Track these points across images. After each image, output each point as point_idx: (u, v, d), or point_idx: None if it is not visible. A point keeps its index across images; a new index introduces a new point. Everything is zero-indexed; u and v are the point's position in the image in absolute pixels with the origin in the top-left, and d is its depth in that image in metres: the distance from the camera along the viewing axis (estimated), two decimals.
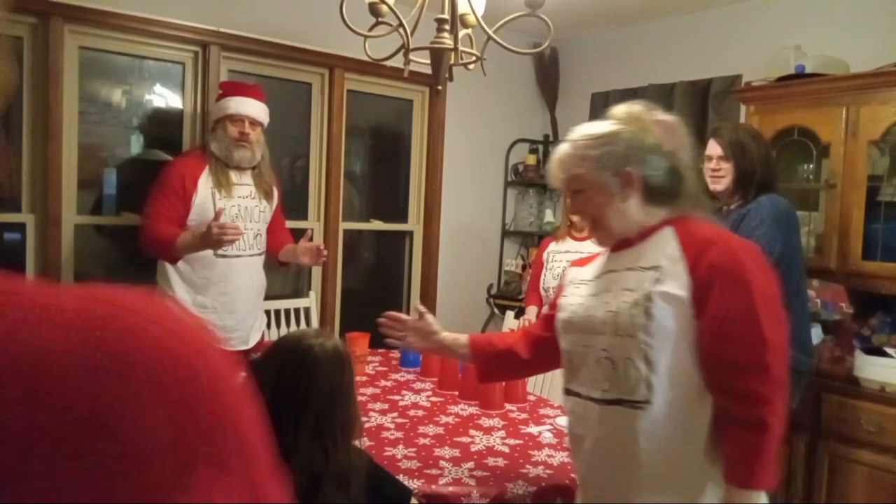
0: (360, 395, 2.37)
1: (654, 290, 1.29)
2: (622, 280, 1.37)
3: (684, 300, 1.28)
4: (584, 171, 1.39)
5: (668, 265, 1.31)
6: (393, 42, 2.18)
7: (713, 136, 2.57)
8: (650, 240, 1.38)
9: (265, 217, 2.84)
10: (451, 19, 2.14)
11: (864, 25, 2.98)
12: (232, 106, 2.68)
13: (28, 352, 0.33)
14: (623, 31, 4.02)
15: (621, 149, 1.37)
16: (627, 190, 1.36)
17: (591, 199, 1.40)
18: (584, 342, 1.40)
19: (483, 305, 4.30)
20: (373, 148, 4.16)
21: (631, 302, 1.31)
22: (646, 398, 1.29)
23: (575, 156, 1.40)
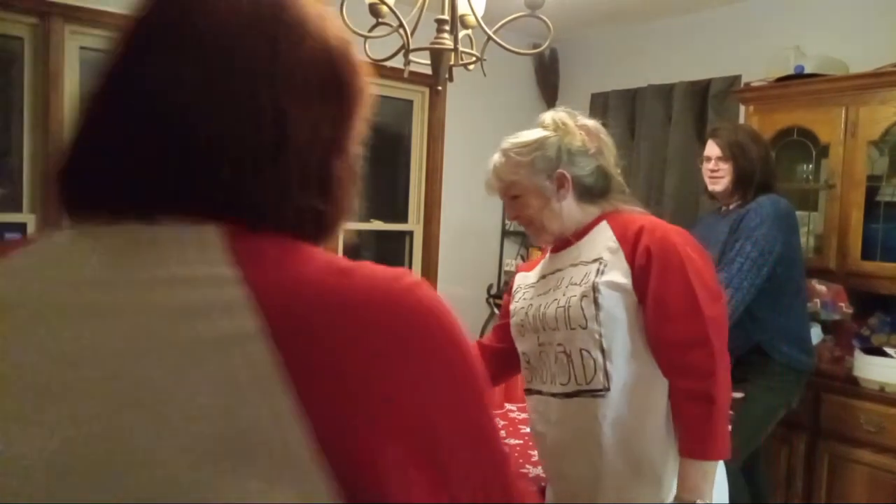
0: None
1: (599, 280, 1.37)
2: (568, 276, 1.45)
3: (627, 287, 1.36)
4: (519, 178, 1.47)
5: (608, 256, 1.40)
6: (393, 42, 2.18)
7: (712, 137, 2.58)
8: (588, 236, 1.47)
9: None
10: (451, 20, 2.15)
11: (864, 25, 2.98)
12: None
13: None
14: (623, 31, 4.02)
15: (552, 153, 1.46)
16: (562, 191, 1.46)
17: (529, 203, 1.48)
18: (540, 340, 1.47)
19: (483, 305, 4.30)
20: (373, 148, 4.11)
21: (579, 294, 1.38)
22: (604, 385, 1.36)
23: (509, 163, 1.48)
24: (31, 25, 2.78)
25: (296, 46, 0.53)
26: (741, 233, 2.37)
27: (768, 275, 2.30)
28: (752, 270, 2.30)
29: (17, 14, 2.74)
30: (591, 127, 1.56)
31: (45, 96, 2.78)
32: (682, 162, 3.53)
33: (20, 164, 2.82)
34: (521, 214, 1.52)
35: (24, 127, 2.81)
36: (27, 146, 2.82)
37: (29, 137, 2.82)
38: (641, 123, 3.79)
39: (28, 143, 2.82)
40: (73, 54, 2.87)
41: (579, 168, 1.47)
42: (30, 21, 2.77)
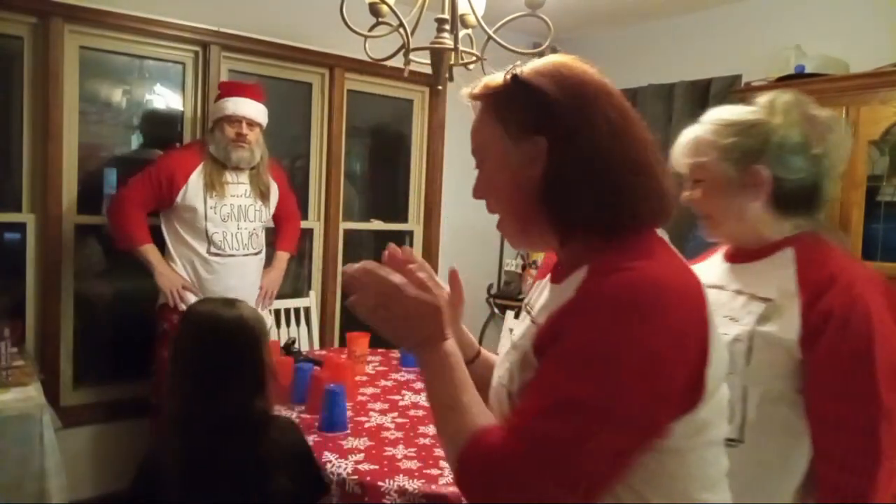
0: (360, 395, 2.37)
1: (759, 329, 1.14)
2: (729, 305, 1.21)
3: (791, 345, 1.12)
4: (707, 160, 1.22)
5: (780, 301, 1.14)
6: (393, 42, 2.18)
7: None
8: (768, 260, 1.21)
9: (262, 216, 2.86)
10: (451, 19, 2.14)
11: (864, 25, 2.98)
12: (230, 107, 2.69)
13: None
14: (623, 31, 4.02)
15: (755, 142, 1.18)
16: (753, 191, 1.19)
17: (709, 193, 1.24)
18: None
19: (483, 305, 4.30)
20: (373, 148, 4.15)
21: (732, 336, 1.16)
22: (737, 437, 1.15)
23: (702, 141, 1.23)
24: (31, 25, 2.78)
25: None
26: None
27: None
28: None
29: (17, 14, 2.73)
30: (823, 121, 1.23)
31: (45, 96, 2.78)
32: None
33: (20, 164, 2.82)
34: (697, 202, 1.26)
35: (23, 127, 2.81)
36: (27, 146, 2.82)
37: (28, 137, 2.82)
38: None
39: (28, 143, 2.81)
40: (73, 54, 2.87)
41: (786, 169, 1.18)
42: (30, 21, 2.77)
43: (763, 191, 1.18)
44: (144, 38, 2.99)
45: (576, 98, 0.86)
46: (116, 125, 3.16)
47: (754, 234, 1.23)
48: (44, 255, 2.83)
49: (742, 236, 1.25)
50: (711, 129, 1.23)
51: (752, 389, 1.15)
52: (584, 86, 0.88)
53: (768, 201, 1.19)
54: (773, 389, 1.14)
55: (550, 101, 0.85)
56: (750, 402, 1.15)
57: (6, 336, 2.26)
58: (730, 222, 1.24)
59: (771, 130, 1.18)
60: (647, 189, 0.86)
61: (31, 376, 2.29)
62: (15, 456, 2.00)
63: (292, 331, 3.27)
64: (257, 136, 2.76)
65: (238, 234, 2.76)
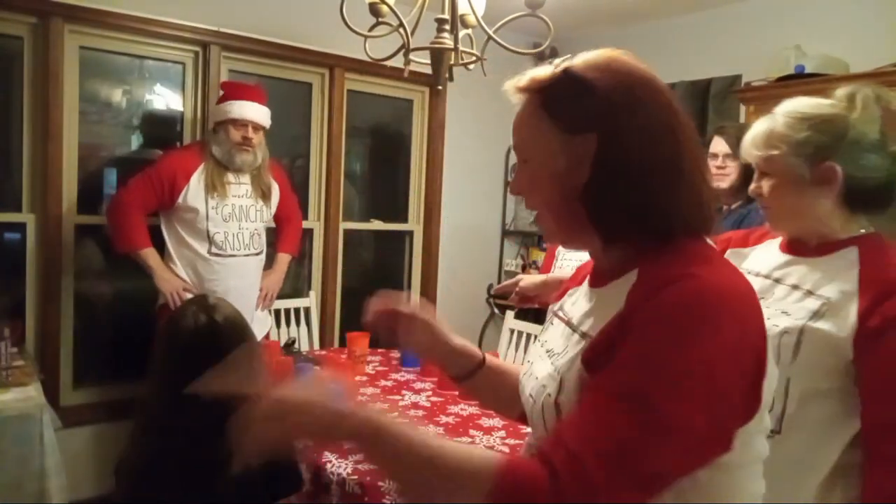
0: (360, 395, 2.37)
1: (811, 324, 1.12)
2: (783, 298, 1.20)
3: (843, 344, 1.10)
4: (778, 154, 1.18)
5: (837, 300, 1.12)
6: (393, 42, 2.18)
7: (718, 134, 2.57)
8: (830, 258, 1.18)
9: (263, 217, 2.86)
10: (451, 19, 2.14)
11: (864, 25, 2.98)
12: (235, 110, 2.68)
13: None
14: (623, 31, 4.02)
15: (829, 138, 1.14)
16: (823, 188, 1.15)
17: (779, 188, 1.20)
18: None
19: (483, 305, 4.30)
20: (373, 148, 4.15)
21: (782, 327, 1.15)
22: (775, 428, 1.13)
23: (774, 134, 1.19)
24: (31, 25, 2.78)
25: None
26: None
27: None
28: None
29: (17, 14, 2.73)
30: None
31: (45, 96, 2.78)
32: None
33: (20, 164, 2.82)
34: (762, 194, 1.24)
35: (23, 127, 2.81)
36: (27, 146, 2.82)
37: (28, 137, 2.82)
38: None
39: (28, 143, 2.81)
40: (73, 54, 2.87)
41: (859, 167, 1.14)
42: (30, 21, 2.77)
43: (833, 188, 1.15)
44: (144, 38, 2.99)
45: (628, 95, 0.81)
46: (116, 125, 3.16)
47: (818, 231, 1.20)
48: (44, 255, 2.83)
49: (805, 232, 1.22)
50: (785, 121, 1.19)
51: (794, 383, 1.14)
52: (637, 83, 0.84)
53: (837, 199, 1.16)
54: (817, 386, 1.13)
55: (603, 97, 0.80)
56: (791, 395, 1.14)
57: (6, 336, 2.26)
58: (795, 218, 1.22)
59: (848, 126, 1.14)
60: (697, 193, 0.82)
61: (31, 376, 2.29)
62: (15, 456, 2.00)
63: (292, 331, 3.27)
64: (261, 139, 2.77)
65: (239, 234, 2.75)
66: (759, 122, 1.24)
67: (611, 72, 0.83)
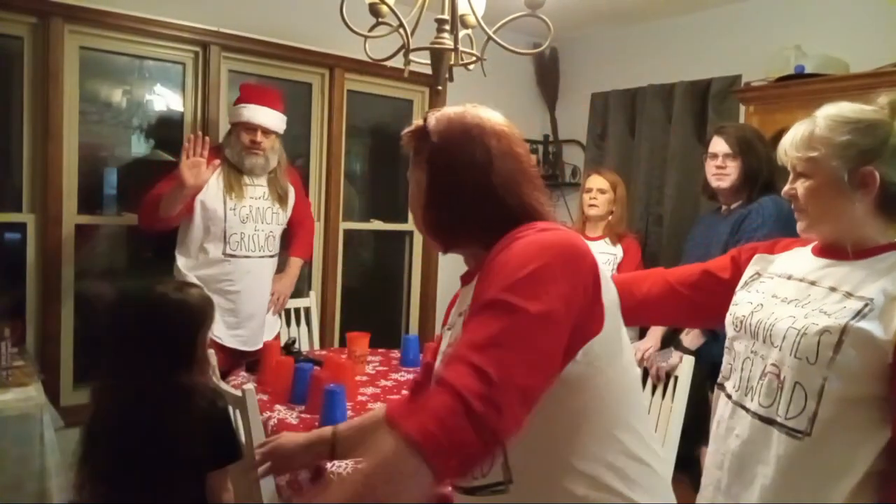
0: (360, 394, 2.37)
1: (853, 324, 1.11)
2: (821, 299, 1.20)
3: (883, 345, 1.09)
4: (818, 156, 1.19)
5: (881, 301, 1.12)
6: (393, 42, 2.18)
7: (718, 134, 2.57)
8: (869, 261, 1.18)
9: (278, 219, 2.86)
10: (451, 20, 2.15)
11: (864, 25, 2.98)
12: (245, 114, 2.68)
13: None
14: (623, 31, 4.02)
15: (870, 143, 1.16)
16: (860, 192, 1.17)
17: (815, 190, 1.21)
18: (754, 348, 1.26)
19: None
20: (373, 148, 4.16)
21: (822, 327, 1.14)
22: (805, 430, 1.14)
23: (815, 136, 1.20)
24: (30, 25, 2.78)
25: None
26: (743, 233, 2.37)
27: None
28: None
29: (17, 14, 2.73)
30: None
31: (45, 96, 2.78)
32: (682, 162, 3.53)
33: (20, 164, 2.82)
34: (800, 199, 1.24)
35: (23, 127, 2.81)
36: (27, 146, 2.82)
37: (29, 137, 2.82)
38: (641, 123, 3.79)
39: (28, 143, 2.82)
40: (73, 54, 2.87)
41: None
42: (30, 21, 2.77)
43: (870, 193, 1.16)
44: (144, 38, 2.99)
45: (450, 141, 1.08)
46: (116, 125, 3.16)
47: (853, 236, 1.20)
48: (44, 255, 2.83)
49: (839, 236, 1.22)
50: (827, 124, 1.19)
51: (831, 385, 1.13)
52: (462, 130, 1.09)
53: (874, 205, 1.17)
54: (855, 388, 1.12)
55: (433, 141, 1.08)
56: (826, 397, 1.13)
57: (6, 336, 2.26)
58: (830, 221, 1.22)
59: (890, 132, 1.16)
60: (515, 197, 1.05)
61: (31, 376, 2.29)
62: (15, 456, 2.00)
63: (292, 331, 3.27)
64: (273, 143, 2.76)
65: (255, 235, 2.75)
66: (798, 124, 1.25)
67: (447, 122, 1.10)
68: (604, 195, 3.05)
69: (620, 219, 3.10)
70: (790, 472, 1.16)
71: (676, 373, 2.37)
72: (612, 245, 3.06)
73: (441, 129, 1.09)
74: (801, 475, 1.16)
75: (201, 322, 1.62)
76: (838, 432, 1.13)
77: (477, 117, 1.10)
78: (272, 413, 2.14)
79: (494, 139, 1.07)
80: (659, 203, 3.68)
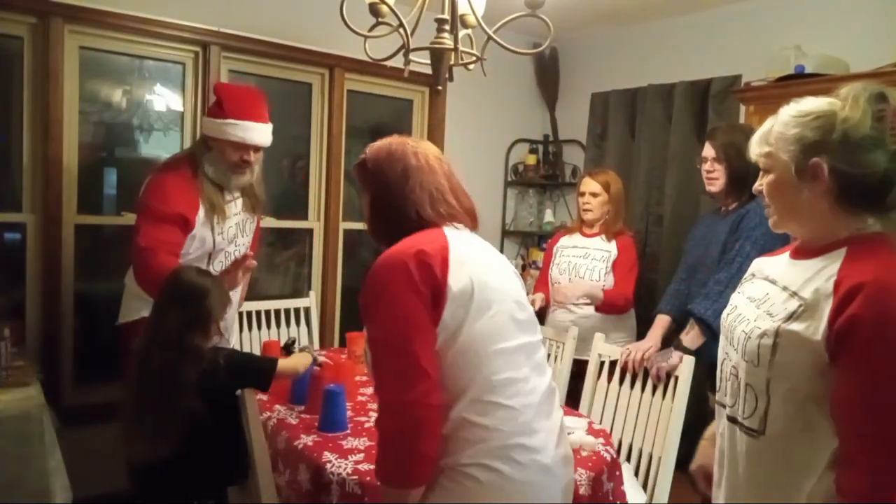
0: (359, 394, 2.37)
1: (785, 326, 1.14)
2: (772, 299, 1.22)
3: (817, 346, 1.10)
4: (772, 151, 1.21)
5: (813, 301, 1.12)
6: (393, 42, 2.18)
7: (708, 139, 2.58)
8: (820, 259, 1.17)
9: (252, 228, 2.70)
10: (451, 19, 2.14)
11: (864, 25, 2.98)
12: (236, 133, 2.38)
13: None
14: (623, 31, 4.02)
15: (817, 134, 1.15)
16: (811, 184, 1.16)
17: (774, 185, 1.22)
18: (726, 349, 1.32)
19: None
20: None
21: (762, 330, 1.18)
22: (759, 428, 1.19)
23: (772, 132, 1.22)
24: (30, 25, 2.78)
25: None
26: (741, 233, 2.37)
27: None
28: None
29: (17, 14, 2.74)
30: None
31: (44, 96, 2.78)
32: (682, 162, 3.53)
33: (20, 164, 2.82)
34: (765, 194, 1.26)
35: (23, 127, 2.81)
36: (27, 146, 2.82)
37: (29, 137, 2.82)
38: (641, 123, 3.79)
39: (28, 142, 2.82)
40: (72, 54, 2.87)
41: (851, 164, 1.12)
42: (30, 21, 2.77)
43: (821, 185, 1.15)
44: (144, 38, 2.99)
45: (378, 166, 1.51)
46: (116, 125, 3.16)
47: (816, 230, 1.20)
48: (44, 255, 2.83)
49: (804, 231, 1.23)
50: (783, 120, 1.21)
51: (775, 384, 1.15)
52: (384, 157, 1.51)
53: (831, 197, 1.15)
54: (798, 388, 1.13)
55: (367, 168, 1.53)
56: (774, 395, 1.16)
57: (6, 336, 2.26)
58: (790, 216, 1.23)
59: (836, 122, 1.13)
60: (421, 204, 1.45)
61: (31, 376, 2.29)
62: (15, 456, 2.00)
63: (292, 331, 3.27)
64: (259, 155, 2.52)
65: (236, 251, 2.59)
66: (766, 121, 1.26)
67: (374, 151, 1.53)
68: (597, 198, 3.05)
69: (616, 216, 3.09)
70: (755, 469, 1.22)
71: (676, 373, 2.37)
72: (606, 242, 3.07)
73: (372, 156, 1.52)
74: (764, 472, 1.20)
75: (220, 301, 1.98)
76: (793, 431, 1.15)
77: (401, 143, 1.50)
78: (272, 413, 2.14)
79: (412, 157, 1.47)
80: (659, 203, 3.68)
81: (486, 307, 1.36)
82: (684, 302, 2.60)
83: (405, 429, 1.28)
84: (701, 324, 2.37)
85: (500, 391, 1.33)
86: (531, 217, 4.40)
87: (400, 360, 1.29)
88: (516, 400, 1.34)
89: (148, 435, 1.81)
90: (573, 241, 3.16)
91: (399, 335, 1.30)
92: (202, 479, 1.90)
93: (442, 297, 1.32)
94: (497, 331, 1.37)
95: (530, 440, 1.34)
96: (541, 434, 1.37)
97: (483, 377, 1.33)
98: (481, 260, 1.44)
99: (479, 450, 1.31)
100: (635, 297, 3.07)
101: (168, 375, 1.80)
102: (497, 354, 1.35)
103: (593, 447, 1.93)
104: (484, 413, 1.32)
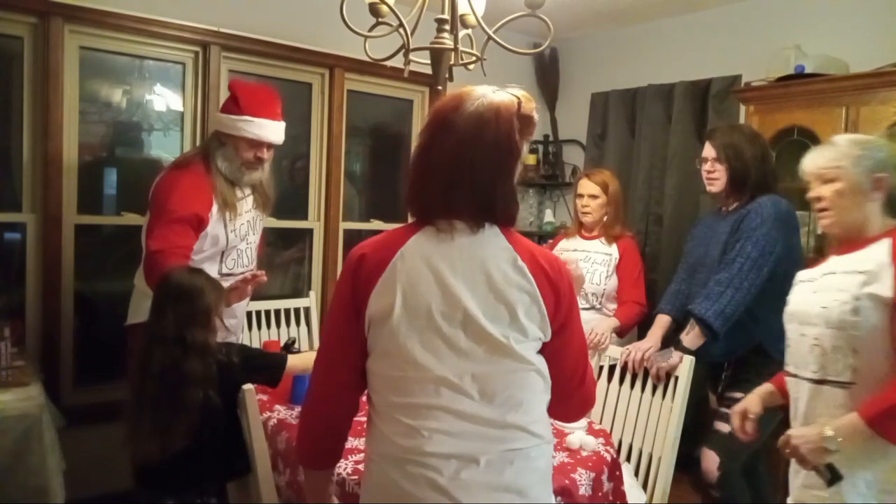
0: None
1: (862, 291, 1.54)
2: (837, 282, 1.61)
3: (888, 301, 1.50)
4: (844, 164, 1.63)
5: (876, 269, 1.54)
6: (393, 42, 2.18)
7: (707, 139, 2.58)
8: (869, 248, 1.60)
9: (261, 226, 2.71)
10: (451, 19, 2.15)
11: (864, 25, 2.98)
12: (252, 130, 2.39)
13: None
14: (623, 31, 4.02)
15: (882, 155, 1.62)
16: (876, 193, 1.61)
17: (841, 190, 1.63)
18: (801, 331, 1.67)
19: None
20: (373, 148, 4.15)
21: (842, 300, 1.56)
22: (851, 380, 1.55)
23: (839, 151, 1.65)
24: (30, 25, 2.78)
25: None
26: (742, 233, 2.37)
27: (769, 275, 2.30)
28: (753, 271, 2.30)
29: (17, 14, 2.74)
30: None
31: (44, 96, 2.78)
32: (682, 162, 3.53)
33: (20, 164, 2.82)
34: (823, 197, 1.66)
35: (23, 126, 2.81)
36: (27, 146, 2.82)
37: (28, 137, 2.82)
38: (641, 123, 3.79)
39: (28, 143, 2.82)
40: (72, 54, 2.87)
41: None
42: (30, 21, 2.77)
43: (882, 193, 1.61)
44: (144, 38, 2.99)
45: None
46: (116, 125, 3.16)
47: (862, 226, 1.64)
48: (44, 255, 2.83)
49: (853, 227, 1.65)
50: (846, 144, 1.65)
51: (859, 342, 1.53)
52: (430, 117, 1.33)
53: (882, 204, 1.63)
54: (879, 341, 1.52)
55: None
56: (861, 350, 1.53)
57: (6, 336, 2.26)
58: (850, 215, 1.64)
59: (890, 151, 1.62)
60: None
61: (31, 376, 2.29)
62: (15, 456, 2.00)
63: (292, 331, 3.26)
64: (272, 152, 2.54)
65: (247, 249, 2.60)
66: (822, 144, 1.72)
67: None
68: (595, 200, 3.02)
69: (615, 218, 3.05)
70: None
71: (676, 373, 2.37)
72: (607, 245, 3.03)
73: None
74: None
75: (216, 297, 1.98)
76: (881, 375, 1.51)
77: (440, 102, 1.32)
78: (272, 413, 2.14)
79: (429, 128, 1.30)
80: (659, 203, 3.68)
81: (411, 331, 1.21)
82: (684, 302, 2.60)
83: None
84: (701, 324, 2.37)
85: (403, 411, 1.21)
86: (531, 217, 4.40)
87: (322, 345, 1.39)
88: (419, 422, 1.19)
89: (155, 431, 1.80)
90: (573, 244, 3.14)
91: (330, 333, 1.36)
92: (206, 474, 1.90)
93: (361, 314, 1.26)
94: (411, 361, 1.21)
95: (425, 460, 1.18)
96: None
97: (389, 396, 1.25)
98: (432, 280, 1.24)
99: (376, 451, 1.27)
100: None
101: (173, 372, 1.81)
102: (406, 381, 1.22)
103: (593, 447, 1.93)
104: (388, 421, 1.24)
